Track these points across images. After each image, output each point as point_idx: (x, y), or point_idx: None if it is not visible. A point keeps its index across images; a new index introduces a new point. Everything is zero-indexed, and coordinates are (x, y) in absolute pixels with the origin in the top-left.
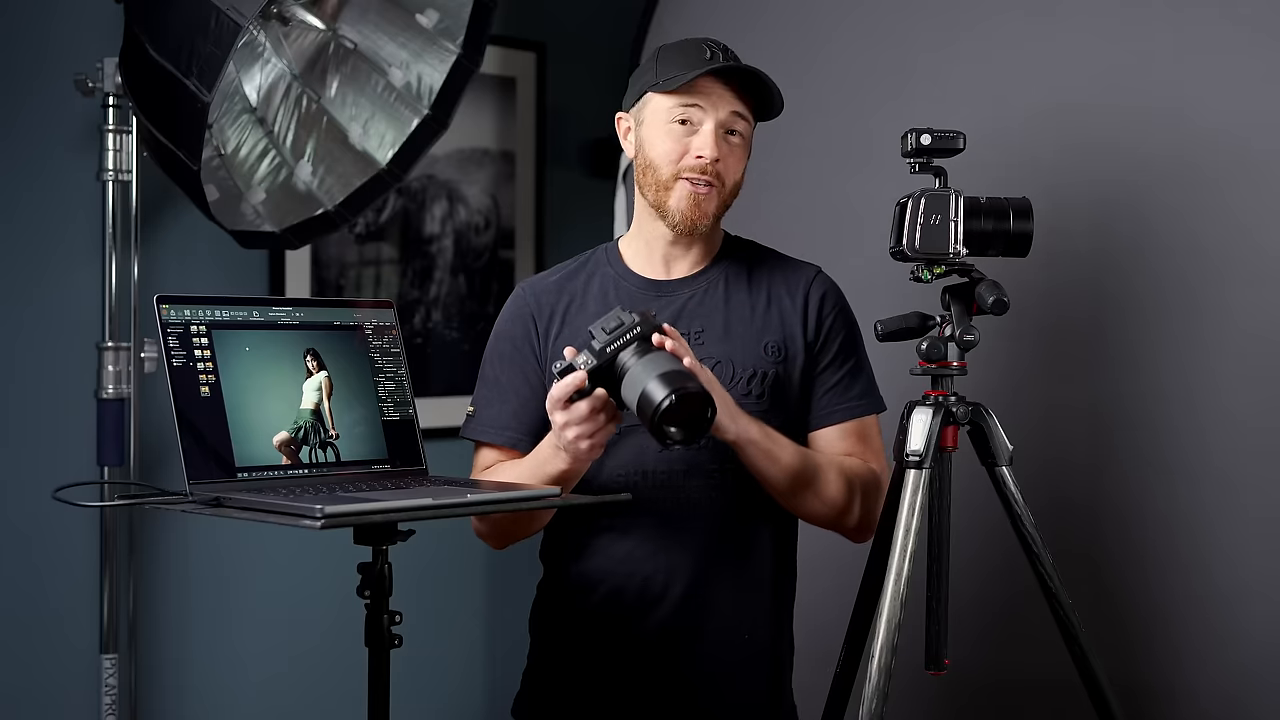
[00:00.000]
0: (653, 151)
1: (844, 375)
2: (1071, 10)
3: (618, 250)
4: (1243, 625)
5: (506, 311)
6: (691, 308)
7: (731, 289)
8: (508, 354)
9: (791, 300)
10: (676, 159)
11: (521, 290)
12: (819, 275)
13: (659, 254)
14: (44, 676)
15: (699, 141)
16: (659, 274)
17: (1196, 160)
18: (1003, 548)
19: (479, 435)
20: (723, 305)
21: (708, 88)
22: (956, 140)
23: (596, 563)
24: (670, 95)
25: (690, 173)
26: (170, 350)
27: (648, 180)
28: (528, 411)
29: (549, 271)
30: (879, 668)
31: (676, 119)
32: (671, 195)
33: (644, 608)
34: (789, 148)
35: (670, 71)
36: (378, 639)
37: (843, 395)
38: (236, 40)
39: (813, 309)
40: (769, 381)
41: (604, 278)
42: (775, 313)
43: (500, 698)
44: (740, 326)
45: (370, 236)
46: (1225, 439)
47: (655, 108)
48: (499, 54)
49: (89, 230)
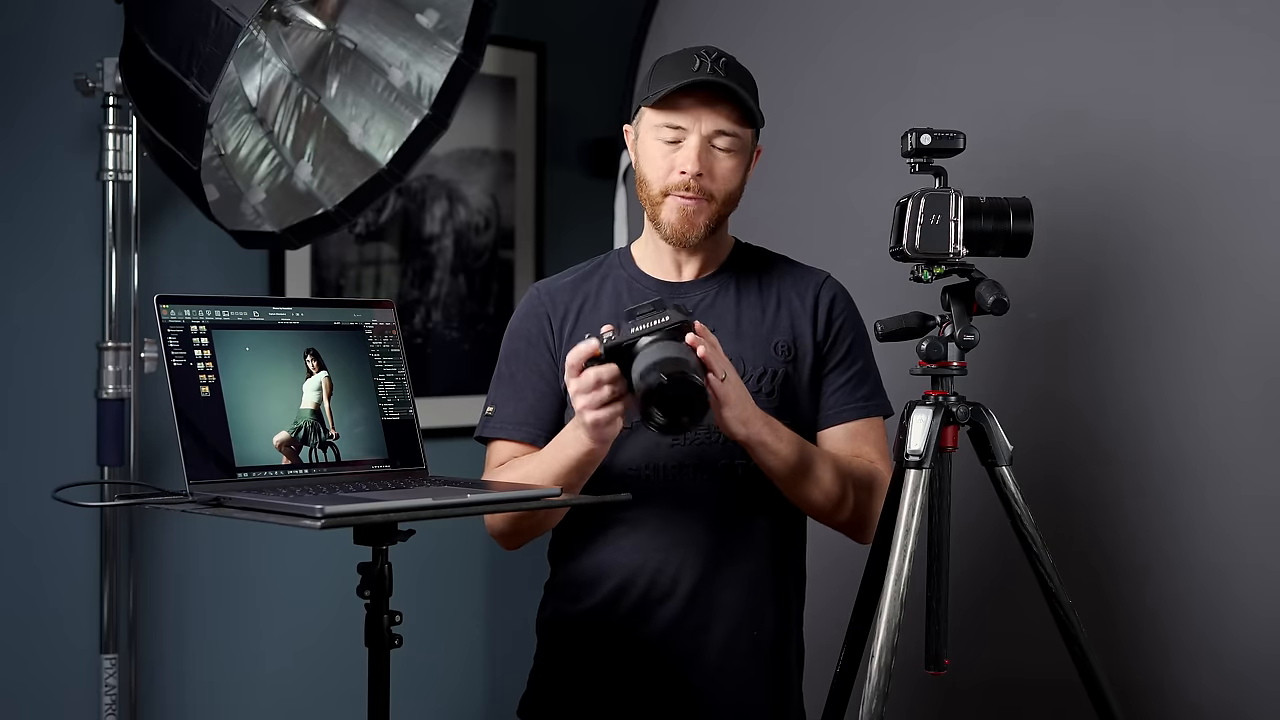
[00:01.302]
0: (645, 167)
1: (852, 377)
2: (1071, 10)
3: (630, 254)
4: (1243, 625)
5: (521, 310)
6: (703, 309)
7: (742, 292)
8: (522, 351)
9: (801, 302)
10: (664, 174)
11: (536, 290)
12: (829, 279)
13: (668, 259)
14: (44, 676)
15: (681, 157)
16: (671, 276)
17: (1196, 160)
18: (1003, 548)
19: (496, 432)
20: (734, 307)
21: (689, 102)
22: (956, 140)
23: (605, 560)
24: (656, 111)
25: (676, 189)
26: (170, 350)
27: (642, 194)
28: (543, 407)
29: (563, 273)
30: (879, 668)
31: (663, 136)
32: (662, 209)
33: (652, 605)
34: (789, 148)
35: (660, 85)
36: (378, 639)
37: (850, 396)
38: (236, 40)
39: (822, 311)
40: (779, 380)
41: (617, 279)
42: (785, 314)
43: (500, 698)
44: (751, 327)
45: (370, 236)
46: (1225, 438)
47: (646, 123)
48: (499, 54)
49: (89, 230)
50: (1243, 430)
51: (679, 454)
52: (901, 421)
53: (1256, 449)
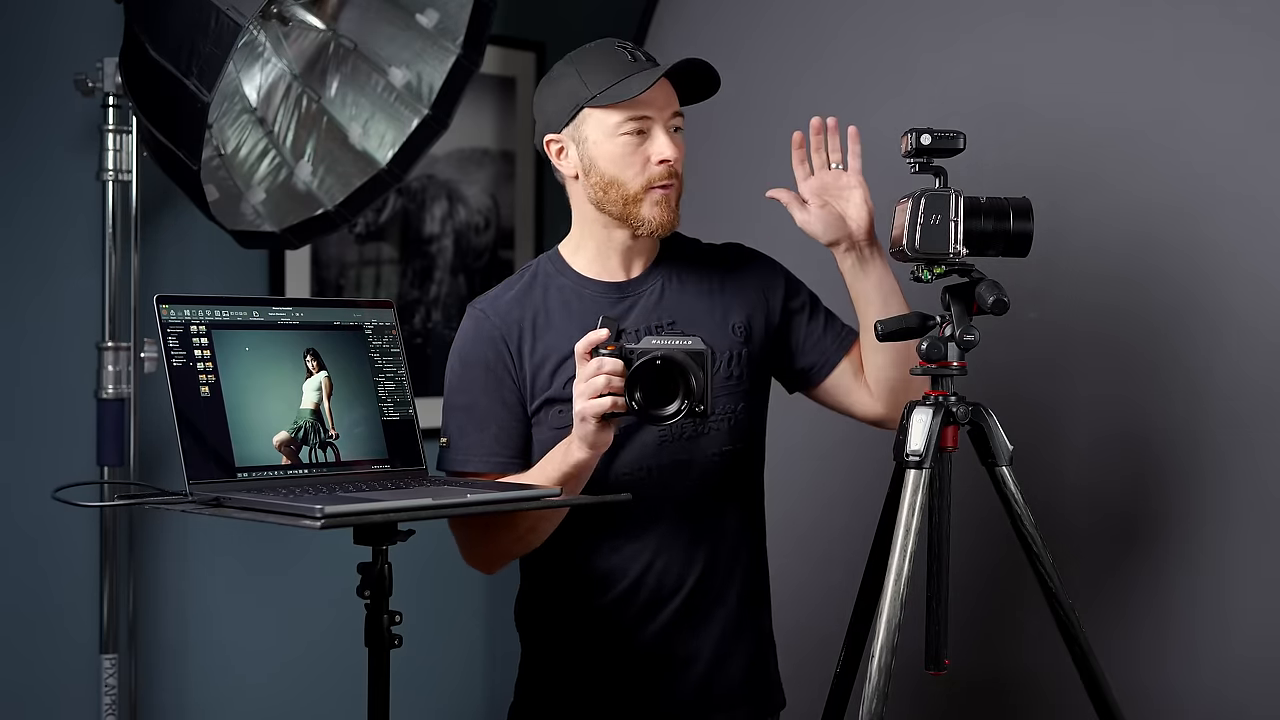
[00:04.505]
0: (612, 169)
1: (824, 316)
2: (1072, 11)
3: (562, 259)
4: (1243, 625)
5: (470, 335)
6: (655, 304)
7: (684, 280)
8: (479, 379)
9: (744, 281)
10: (640, 169)
11: (481, 313)
12: (744, 248)
13: (616, 260)
14: (44, 677)
15: (657, 146)
16: (618, 276)
17: (1196, 160)
18: (1003, 548)
19: (464, 465)
20: (683, 296)
21: (650, 93)
22: (956, 140)
23: (598, 561)
24: (614, 109)
25: (659, 180)
26: (170, 350)
27: (610, 197)
28: (510, 435)
29: (498, 290)
30: (879, 668)
31: (628, 130)
32: (642, 206)
33: (654, 607)
34: (789, 148)
35: (604, 82)
36: (378, 639)
37: (836, 332)
38: (236, 40)
39: (760, 278)
40: (744, 361)
41: (561, 288)
42: (731, 294)
43: (500, 698)
44: (704, 314)
45: (370, 236)
46: (1225, 438)
47: (599, 123)
48: (499, 54)
49: (89, 230)
50: (1243, 429)
51: (673, 455)
52: (901, 422)
53: (1257, 448)
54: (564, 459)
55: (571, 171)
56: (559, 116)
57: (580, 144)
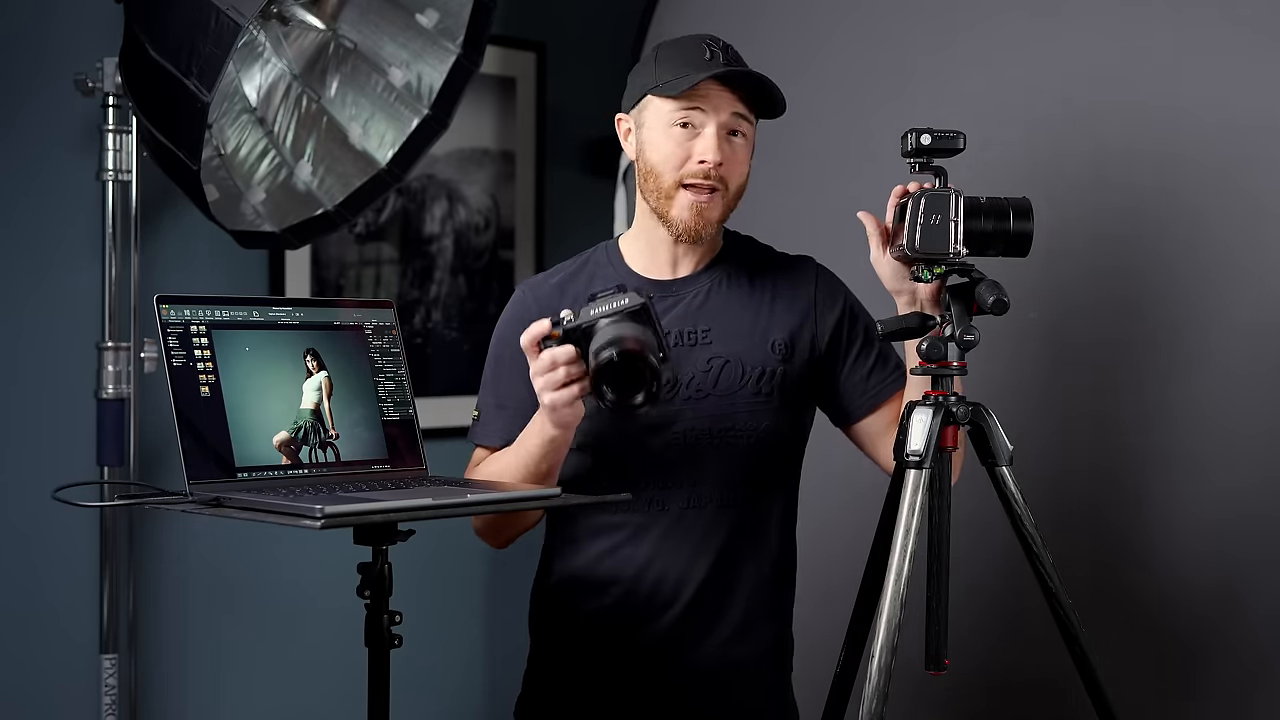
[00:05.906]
0: (654, 156)
1: (877, 355)
2: (1073, 11)
3: (619, 250)
4: (1244, 625)
5: (508, 314)
6: (697, 308)
7: (735, 287)
8: (507, 359)
9: (796, 297)
10: (679, 164)
11: (522, 293)
12: (820, 270)
13: (664, 255)
14: (44, 677)
15: (701, 145)
16: (664, 274)
17: (1196, 160)
18: (1003, 548)
19: (482, 440)
20: (728, 304)
21: (708, 90)
22: (956, 140)
23: (601, 560)
24: (670, 99)
25: (693, 178)
26: (170, 350)
27: (649, 186)
28: (527, 415)
29: (549, 272)
30: (879, 668)
31: (678, 122)
32: (674, 204)
33: (655, 609)
34: (790, 148)
35: (670, 73)
36: (378, 639)
37: (884, 373)
38: (236, 40)
39: (823, 304)
40: (777, 380)
41: (606, 279)
42: (781, 310)
43: (500, 698)
44: (747, 325)
45: (370, 236)
46: (1226, 437)
47: (656, 110)
48: (499, 54)
49: (89, 230)
50: (1244, 429)
51: (677, 452)
52: (901, 422)
53: (1258, 446)
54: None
55: (632, 153)
56: (630, 98)
57: (639, 128)
